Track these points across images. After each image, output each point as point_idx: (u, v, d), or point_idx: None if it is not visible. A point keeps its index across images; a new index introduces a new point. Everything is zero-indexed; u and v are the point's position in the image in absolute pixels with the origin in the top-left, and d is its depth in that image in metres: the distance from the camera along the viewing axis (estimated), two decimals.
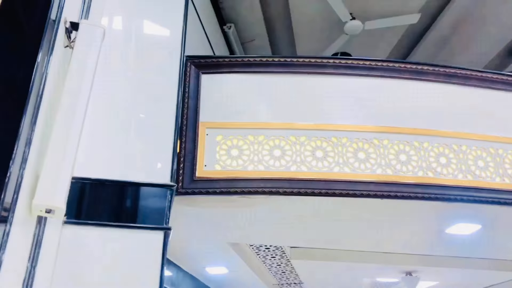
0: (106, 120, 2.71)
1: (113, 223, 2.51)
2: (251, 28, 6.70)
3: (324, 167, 2.86)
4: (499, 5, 6.10)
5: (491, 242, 3.78)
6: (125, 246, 2.48)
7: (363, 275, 5.11)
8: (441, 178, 2.89)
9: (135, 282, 2.41)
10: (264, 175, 2.82)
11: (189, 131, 2.91)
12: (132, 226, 2.52)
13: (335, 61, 3.15)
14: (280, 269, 5.12)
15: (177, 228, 3.39)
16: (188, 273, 4.64)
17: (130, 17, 3.08)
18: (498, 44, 6.86)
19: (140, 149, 2.71)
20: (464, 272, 4.71)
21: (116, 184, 2.59)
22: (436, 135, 3.00)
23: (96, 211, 2.52)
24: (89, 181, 2.56)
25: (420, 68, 3.18)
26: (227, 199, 2.88)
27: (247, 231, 3.61)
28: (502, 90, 3.26)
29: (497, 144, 3.06)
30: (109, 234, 2.49)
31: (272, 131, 2.93)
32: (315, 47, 7.02)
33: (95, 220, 2.49)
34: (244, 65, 3.16)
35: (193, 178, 2.80)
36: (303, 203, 2.99)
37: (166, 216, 2.60)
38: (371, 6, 6.19)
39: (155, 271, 2.43)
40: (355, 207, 3.05)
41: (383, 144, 2.94)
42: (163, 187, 2.63)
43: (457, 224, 3.31)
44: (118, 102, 2.78)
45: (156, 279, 2.42)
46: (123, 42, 3.00)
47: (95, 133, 2.66)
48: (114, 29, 3.02)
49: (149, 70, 2.94)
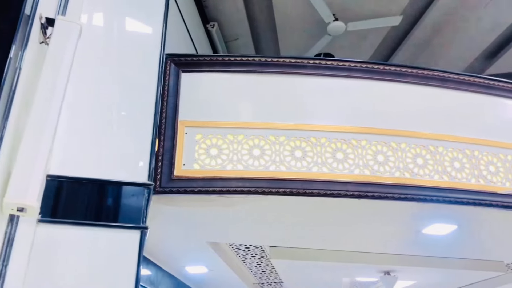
0: (84, 117, 2.68)
1: (89, 222, 2.49)
2: (234, 27, 6.69)
3: (303, 167, 2.87)
4: (479, 9, 6.20)
5: (466, 242, 3.84)
6: (101, 245, 2.46)
7: (343, 274, 5.15)
8: (418, 178, 2.92)
9: (110, 282, 2.39)
10: (243, 174, 2.81)
11: (168, 130, 2.89)
12: (108, 225, 2.50)
13: (315, 62, 3.16)
14: (260, 269, 5.12)
15: (155, 227, 3.38)
16: (167, 272, 4.61)
17: (112, 14, 3.06)
18: (477, 47, 6.97)
19: (118, 147, 2.68)
20: (441, 272, 4.78)
21: (93, 182, 2.56)
22: (414, 136, 3.03)
23: (72, 209, 2.49)
24: (66, 179, 2.53)
25: (399, 70, 3.21)
26: (205, 199, 2.87)
27: (227, 230, 3.60)
28: (479, 92, 3.31)
29: (473, 146, 3.11)
30: (85, 233, 2.47)
31: (251, 131, 2.93)
32: (298, 47, 7.05)
33: (71, 219, 2.46)
34: (225, 64, 3.15)
35: (171, 177, 2.79)
36: (282, 202, 2.99)
37: (143, 215, 2.58)
38: (354, 7, 6.23)
39: (131, 270, 2.41)
40: (334, 207, 3.06)
41: (361, 144, 2.96)
42: (141, 186, 2.61)
43: (434, 224, 3.35)
44: (98, 100, 2.76)
45: (132, 278, 2.40)
46: (104, 39, 2.97)
47: (72, 131, 2.63)
48: (95, 26, 2.99)
49: (130, 68, 2.92)
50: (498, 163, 3.11)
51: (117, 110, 2.79)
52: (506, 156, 3.15)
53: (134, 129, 2.75)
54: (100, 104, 2.75)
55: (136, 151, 2.70)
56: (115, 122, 2.75)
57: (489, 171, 3.06)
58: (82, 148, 2.62)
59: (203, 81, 3.12)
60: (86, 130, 2.66)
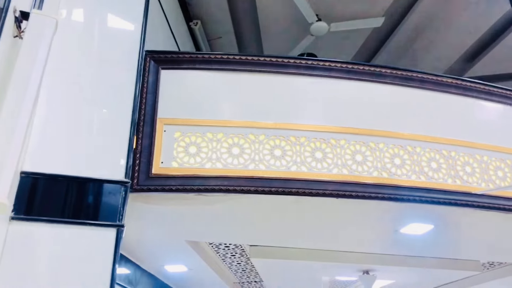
0: (61, 114, 2.65)
1: (64, 220, 2.46)
2: (218, 25, 6.67)
3: (282, 166, 2.87)
4: (460, 11, 6.28)
5: (443, 241, 3.88)
6: (76, 243, 2.43)
7: (323, 273, 5.17)
8: (395, 178, 2.95)
9: (85, 280, 2.36)
10: (222, 173, 2.80)
11: (146, 127, 2.86)
12: (84, 222, 2.47)
13: (296, 61, 3.17)
14: (240, 268, 5.12)
15: (133, 225, 3.36)
16: (146, 271, 4.57)
17: (91, 10, 3.02)
18: (459, 49, 7.06)
19: (95, 144, 2.65)
20: (419, 271, 4.83)
21: (69, 179, 2.53)
22: (392, 137, 3.06)
23: (47, 207, 2.46)
24: (41, 176, 2.50)
25: (378, 70, 3.24)
26: (183, 197, 2.86)
27: (206, 229, 3.59)
28: (457, 94, 3.35)
29: (450, 147, 3.14)
30: (60, 230, 2.44)
31: (231, 129, 2.92)
32: (282, 46, 7.05)
33: (47, 216, 2.43)
34: (205, 61, 3.13)
35: (149, 175, 2.77)
36: (261, 201, 2.99)
37: (120, 213, 2.55)
38: (337, 8, 6.26)
39: (106, 269, 2.39)
40: (312, 206, 3.07)
41: (340, 144, 2.97)
42: (117, 184, 2.59)
43: (411, 224, 3.38)
44: (75, 96, 2.72)
45: (107, 276, 2.38)
46: (83, 35, 2.94)
47: (48, 127, 2.60)
48: (74, 21, 2.96)
49: (109, 64, 2.89)
50: (474, 163, 3.16)
51: (95, 106, 2.75)
52: (482, 157, 3.20)
53: (111, 126, 2.73)
54: (78, 100, 2.72)
55: (113, 148, 2.67)
56: (92, 119, 2.71)
57: (466, 172, 3.11)
58: (58, 145, 2.58)
59: (183, 78, 3.11)
60: (62, 126, 2.63)
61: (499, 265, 5.06)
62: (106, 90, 2.81)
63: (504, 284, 5.43)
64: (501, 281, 5.28)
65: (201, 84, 3.10)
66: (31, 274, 2.30)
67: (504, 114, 3.48)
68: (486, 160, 3.20)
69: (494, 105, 3.45)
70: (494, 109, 3.47)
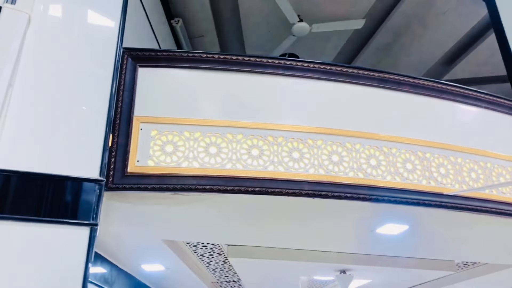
0: (35, 110, 2.61)
1: (37, 218, 2.43)
2: (200, 24, 6.65)
3: (259, 165, 2.87)
4: (439, 15, 6.38)
5: (418, 242, 3.94)
6: (49, 242, 2.40)
7: (300, 273, 5.19)
8: (371, 179, 2.98)
9: (57, 279, 2.33)
10: (199, 172, 2.79)
11: (122, 125, 2.84)
12: (57, 221, 2.44)
13: (274, 61, 3.17)
14: (219, 267, 5.11)
15: (109, 224, 3.33)
16: (123, 271, 4.53)
17: (69, 5, 2.99)
18: (438, 52, 7.17)
19: (69, 142, 2.62)
20: (395, 271, 4.89)
21: (42, 177, 2.50)
22: (368, 138, 3.09)
23: (20, 205, 2.43)
24: (13, 173, 2.46)
25: (356, 72, 3.27)
26: (159, 196, 2.84)
27: (182, 228, 3.57)
28: (433, 96, 3.40)
29: (425, 148, 3.19)
30: (32, 229, 2.41)
31: (209, 128, 2.92)
32: (264, 46, 7.07)
33: (19, 215, 2.40)
34: (184, 60, 3.11)
35: (125, 173, 2.74)
36: (238, 201, 2.99)
37: (94, 211, 2.53)
38: (318, 9, 6.30)
39: (78, 268, 2.36)
40: (289, 206, 3.08)
41: (317, 144, 2.99)
42: (91, 182, 2.56)
43: (387, 224, 3.42)
44: (50, 93, 2.68)
45: (80, 275, 2.35)
46: (60, 30, 2.90)
47: (22, 124, 2.55)
48: (50, 16, 2.92)
49: (87, 61, 2.87)
50: (449, 165, 3.21)
51: (70, 103, 2.72)
52: (457, 159, 3.25)
53: (87, 124, 2.70)
54: (52, 97, 2.68)
55: (88, 146, 2.64)
56: (67, 116, 2.68)
57: (440, 173, 3.15)
58: (31, 142, 2.55)
59: (161, 76, 3.08)
60: (36, 123, 2.59)
61: (472, 265, 5.16)
62: (82, 87, 2.78)
63: (478, 283, 5.54)
64: (474, 280, 5.39)
65: (179, 82, 3.08)
66: (1, 273, 2.26)
67: (478, 117, 3.54)
68: (460, 162, 3.26)
69: (469, 108, 3.52)
70: (469, 112, 3.53)
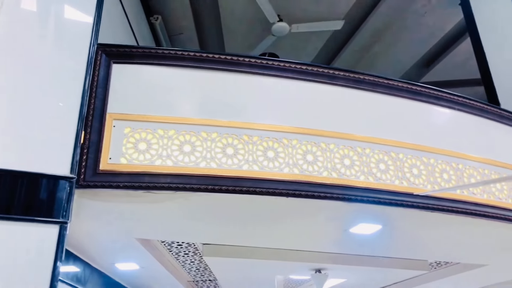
0: (4, 105, 2.55)
1: (4, 215, 2.37)
2: (179, 21, 6.61)
3: (234, 164, 2.86)
4: (417, 18, 6.48)
5: (391, 241, 3.98)
6: (16, 240, 2.35)
7: (276, 272, 5.20)
8: (345, 178, 3.00)
9: (24, 278, 2.28)
10: (172, 170, 2.77)
11: (95, 122, 2.80)
12: (24, 219, 2.40)
13: (251, 60, 3.17)
14: (194, 266, 5.08)
15: (82, 222, 3.29)
16: (96, 269, 4.46)
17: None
18: (415, 54, 7.29)
19: (39, 138, 2.57)
20: (370, 270, 4.94)
21: (10, 173, 2.45)
22: (343, 138, 3.11)
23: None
24: None
25: (332, 72, 3.28)
26: (132, 194, 2.80)
27: (156, 227, 3.54)
28: (407, 98, 3.44)
29: (398, 149, 3.23)
30: None
31: (183, 126, 2.89)
32: (244, 45, 7.07)
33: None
34: (159, 57, 3.08)
35: (97, 171, 2.70)
36: (212, 199, 2.97)
37: (64, 209, 2.49)
38: (298, 9, 6.34)
39: (47, 267, 2.32)
40: (264, 205, 3.08)
41: (292, 144, 3.00)
42: (62, 179, 2.52)
43: (360, 224, 3.45)
44: (21, 87, 2.63)
45: (48, 274, 2.31)
46: (34, 24, 2.84)
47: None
48: (23, 10, 2.85)
49: (60, 56, 2.81)
50: (421, 166, 3.25)
51: (41, 98, 2.67)
52: (429, 160, 3.30)
53: (58, 120, 2.65)
54: (24, 91, 2.63)
55: (59, 142, 2.60)
56: (38, 112, 2.62)
57: (412, 174, 3.19)
58: (1, 138, 2.48)
59: (136, 73, 3.05)
60: (6, 118, 2.53)
61: (445, 264, 5.24)
62: (54, 82, 2.72)
63: (450, 282, 5.64)
64: (447, 279, 5.48)
65: (154, 79, 3.05)
66: None
67: (451, 119, 3.60)
68: (432, 162, 3.30)
69: (442, 110, 3.57)
70: (442, 113, 3.58)
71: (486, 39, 5.24)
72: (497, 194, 3.44)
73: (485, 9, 5.29)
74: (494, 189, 3.45)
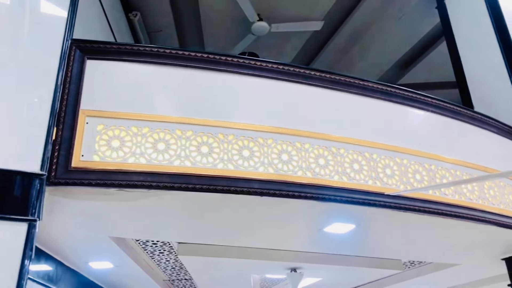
0: None
1: None
2: (158, 19, 6.57)
3: (209, 163, 2.85)
4: (395, 21, 6.56)
5: (365, 241, 4.03)
6: None
7: (252, 271, 5.21)
8: (319, 178, 3.02)
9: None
10: (145, 168, 2.75)
11: (67, 118, 2.75)
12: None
13: (227, 59, 3.16)
14: (170, 265, 5.05)
15: (54, 220, 3.24)
16: (69, 268, 4.39)
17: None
18: (393, 56, 7.38)
19: (9, 133, 2.52)
20: (345, 269, 4.99)
21: None
22: (318, 138, 3.13)
23: None
24: None
25: (308, 72, 3.30)
26: (104, 192, 2.77)
27: (130, 225, 3.50)
28: (382, 99, 3.48)
29: (372, 149, 3.26)
30: None
31: (157, 124, 2.87)
32: (224, 43, 7.06)
33: None
34: (134, 54, 3.05)
35: (68, 168, 2.66)
36: (186, 198, 2.95)
37: (33, 206, 2.45)
38: (279, 9, 6.35)
39: (13, 266, 2.28)
40: (238, 204, 3.08)
41: (267, 143, 3.00)
42: (31, 176, 2.47)
43: (334, 223, 3.47)
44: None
45: (15, 273, 2.27)
46: (8, 17, 2.78)
47: None
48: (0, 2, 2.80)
49: (33, 50, 2.77)
50: (394, 166, 3.29)
51: (12, 93, 2.62)
52: (402, 160, 3.34)
53: (29, 116, 2.61)
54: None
55: (29, 138, 2.56)
56: (8, 107, 2.57)
57: (386, 174, 3.23)
58: None
59: (111, 70, 3.01)
60: None
61: (419, 264, 5.33)
62: (26, 77, 2.68)
63: (424, 281, 5.73)
64: (421, 278, 5.57)
65: (129, 76, 3.01)
66: None
67: (425, 120, 3.66)
68: (405, 163, 3.35)
69: (416, 111, 3.62)
70: (416, 115, 3.64)
71: (461, 43, 5.34)
72: (468, 195, 3.51)
73: (461, 13, 5.39)
74: (465, 190, 3.51)
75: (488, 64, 4.87)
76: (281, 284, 6.13)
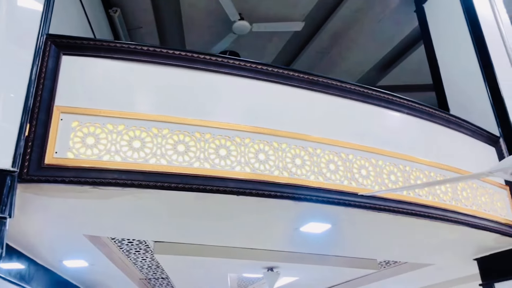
0: None
1: None
2: (139, 15, 6.50)
3: (185, 161, 2.84)
4: (375, 23, 6.63)
5: (340, 240, 4.07)
6: None
7: (228, 270, 5.20)
8: (295, 178, 3.03)
9: None
10: (120, 166, 2.72)
11: (41, 114, 2.71)
12: None
13: (205, 57, 3.15)
14: (146, 264, 5.02)
15: (26, 217, 3.19)
16: (42, 266, 4.32)
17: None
18: (373, 58, 7.45)
19: None
20: (321, 269, 5.02)
21: None
22: (294, 138, 3.15)
23: None
24: None
25: (286, 73, 3.32)
26: (78, 189, 2.73)
27: (104, 223, 3.47)
28: (358, 100, 3.53)
29: (348, 150, 3.30)
30: None
31: (133, 122, 2.85)
32: (205, 42, 7.03)
33: None
34: (111, 50, 3.02)
35: (41, 165, 2.62)
36: (161, 197, 2.93)
37: (4, 203, 2.41)
38: (260, 9, 6.36)
39: None
40: (215, 203, 3.07)
41: (244, 142, 3.00)
42: (2, 172, 2.43)
43: (310, 223, 3.50)
44: None
45: None
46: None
47: None
48: None
49: (7, 45, 2.72)
50: (370, 167, 3.33)
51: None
52: (377, 161, 3.39)
53: (1, 111, 2.55)
54: None
55: (1, 134, 2.50)
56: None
57: (361, 174, 3.27)
58: None
59: (87, 66, 2.98)
60: None
61: (394, 263, 5.40)
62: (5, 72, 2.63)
63: (399, 281, 5.81)
64: (396, 278, 5.65)
65: (105, 73, 2.98)
66: None
67: (400, 122, 3.72)
68: (381, 164, 3.39)
69: (392, 113, 3.67)
70: (392, 117, 3.69)
71: (438, 46, 5.42)
72: (442, 196, 3.57)
73: (438, 17, 5.48)
74: (439, 191, 3.57)
75: (464, 68, 4.96)
76: (258, 283, 6.14)
